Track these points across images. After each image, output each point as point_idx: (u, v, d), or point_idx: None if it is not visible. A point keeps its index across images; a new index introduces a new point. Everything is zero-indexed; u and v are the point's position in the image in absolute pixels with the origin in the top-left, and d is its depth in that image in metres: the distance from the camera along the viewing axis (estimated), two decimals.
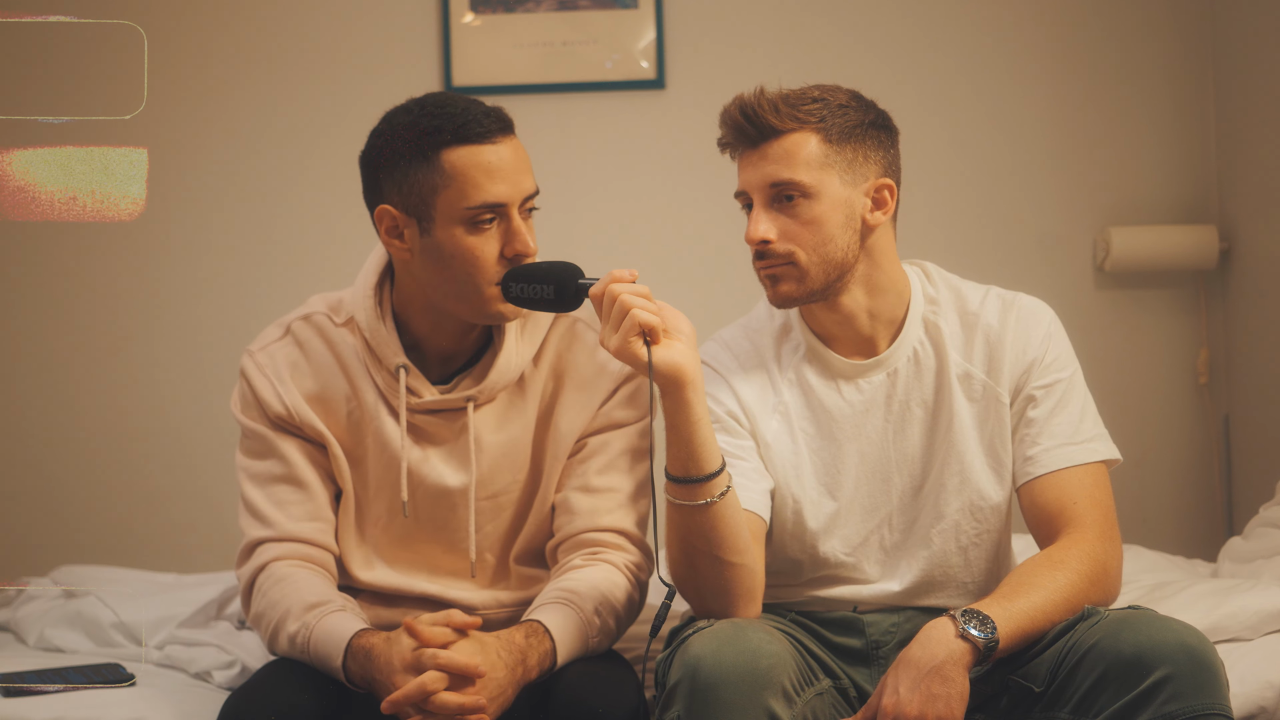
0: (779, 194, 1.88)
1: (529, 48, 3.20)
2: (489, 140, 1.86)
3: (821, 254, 1.89)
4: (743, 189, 1.92)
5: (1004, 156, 3.25)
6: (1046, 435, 1.91)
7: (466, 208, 1.86)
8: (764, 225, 1.88)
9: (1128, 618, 1.70)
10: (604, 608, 1.88)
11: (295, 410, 1.95)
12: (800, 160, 1.87)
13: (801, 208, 1.88)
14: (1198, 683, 1.61)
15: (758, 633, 1.68)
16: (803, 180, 1.87)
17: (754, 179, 1.89)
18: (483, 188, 1.85)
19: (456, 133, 1.85)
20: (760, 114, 1.88)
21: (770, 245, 1.88)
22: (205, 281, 3.21)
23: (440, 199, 1.86)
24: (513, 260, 1.88)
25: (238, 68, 3.21)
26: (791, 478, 1.95)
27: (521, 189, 1.88)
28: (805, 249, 1.88)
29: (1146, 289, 3.26)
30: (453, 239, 1.87)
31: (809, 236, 1.88)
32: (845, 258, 1.90)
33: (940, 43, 3.24)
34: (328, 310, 2.00)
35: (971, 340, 1.95)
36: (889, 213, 1.93)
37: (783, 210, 1.89)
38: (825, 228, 1.88)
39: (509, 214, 1.88)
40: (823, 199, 1.88)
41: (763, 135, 1.88)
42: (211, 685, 2.13)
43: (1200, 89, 3.24)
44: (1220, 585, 2.25)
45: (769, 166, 1.88)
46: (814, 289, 1.90)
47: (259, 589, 1.91)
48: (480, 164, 1.85)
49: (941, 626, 1.72)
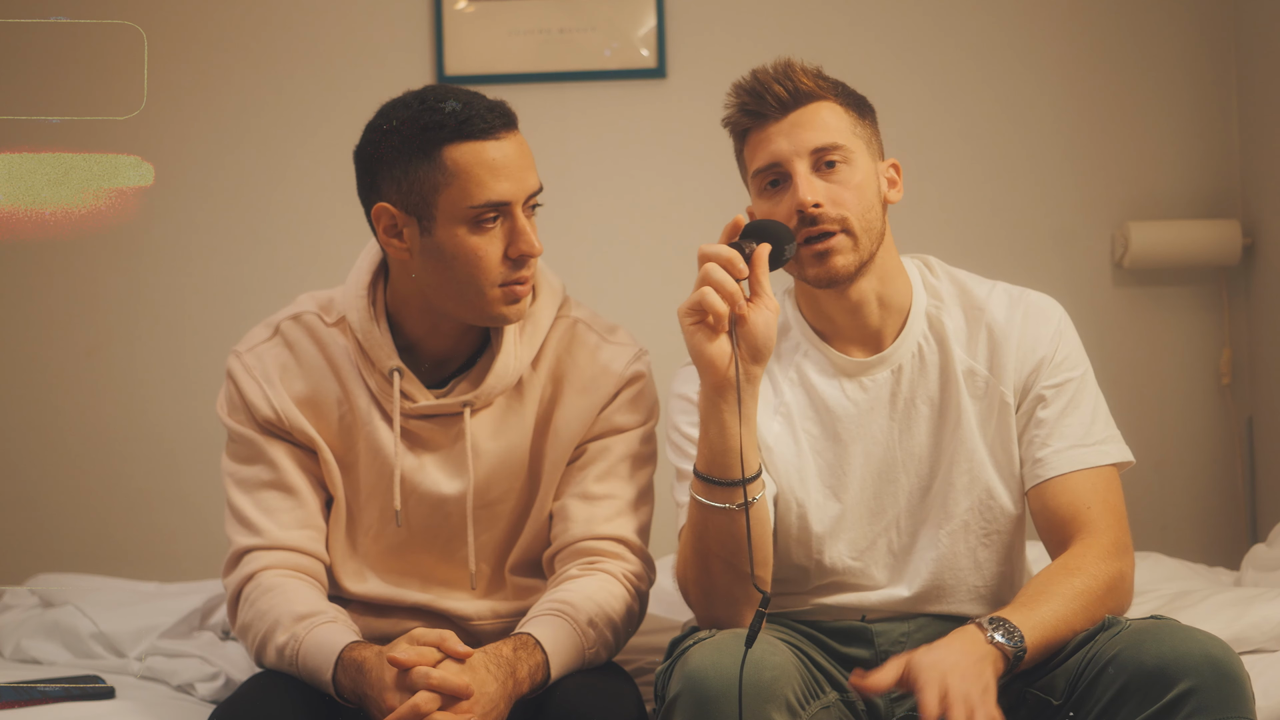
0: (820, 160, 1.88)
1: (525, 35, 3.20)
2: (492, 136, 1.84)
3: (867, 221, 1.88)
4: (773, 161, 1.89)
5: (1019, 150, 3.24)
6: (1057, 436, 1.89)
7: (470, 207, 1.84)
8: (814, 189, 1.86)
9: (1150, 628, 1.68)
10: (600, 619, 1.85)
11: (285, 414, 1.94)
12: (837, 126, 1.89)
13: (845, 173, 1.88)
14: (1223, 696, 1.58)
15: (761, 644, 1.66)
16: (845, 144, 1.88)
17: (791, 146, 1.88)
18: (486, 186, 1.83)
19: (459, 129, 1.83)
20: (795, 78, 1.88)
21: (822, 209, 1.85)
22: (187, 280, 3.23)
23: (442, 197, 1.84)
24: (516, 261, 1.85)
25: (222, 56, 3.22)
26: (795, 481, 1.93)
27: (525, 186, 1.86)
28: (855, 214, 1.87)
29: (1167, 286, 3.25)
30: (455, 239, 1.85)
31: (856, 202, 1.87)
32: (882, 230, 1.91)
33: (952, 32, 3.24)
34: (318, 310, 1.99)
35: (976, 336, 1.94)
36: (901, 192, 1.95)
37: (826, 177, 1.88)
38: (867, 193, 1.89)
39: (513, 213, 1.86)
40: (860, 166, 1.89)
41: (796, 101, 1.88)
42: (195, 698, 2.12)
43: (1222, 78, 3.23)
44: (1243, 594, 2.23)
45: (806, 133, 1.87)
46: (864, 260, 1.89)
47: (246, 599, 1.89)
48: (484, 161, 1.83)
49: (970, 633, 1.70)
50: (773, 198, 1.89)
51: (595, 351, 1.98)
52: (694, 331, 1.76)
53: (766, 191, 1.90)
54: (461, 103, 1.85)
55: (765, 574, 1.83)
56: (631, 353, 1.99)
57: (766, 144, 1.89)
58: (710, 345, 1.75)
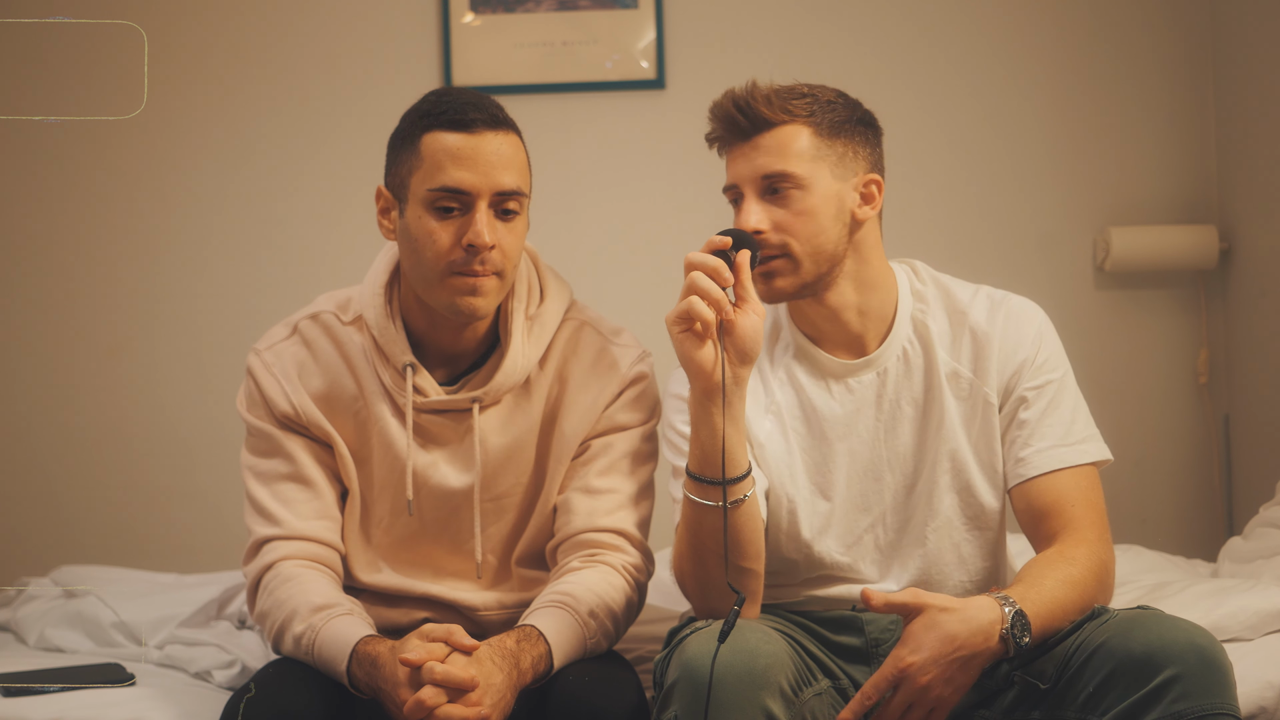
0: (770, 185, 1.88)
1: (529, 48, 3.20)
2: (468, 130, 1.86)
3: (814, 245, 1.88)
4: (733, 182, 1.92)
5: (1003, 156, 3.24)
6: (1039, 436, 1.91)
7: (429, 189, 1.86)
8: (756, 215, 1.88)
9: (1137, 617, 1.70)
10: (601, 610, 1.87)
11: (302, 410, 1.95)
12: (793, 152, 1.88)
13: (794, 199, 1.88)
14: (1207, 683, 1.60)
15: (755, 633, 1.68)
16: (795, 171, 1.87)
17: (745, 171, 1.89)
18: (446, 171, 1.85)
19: (439, 117, 1.86)
20: (754, 105, 1.88)
21: (763, 235, 1.87)
22: (206, 281, 3.21)
23: (414, 179, 1.88)
24: (467, 251, 1.86)
25: (238, 67, 3.21)
26: (785, 477, 1.95)
27: (491, 182, 1.86)
28: (798, 240, 1.88)
29: (1146, 289, 3.25)
30: (418, 220, 1.87)
31: (801, 227, 1.88)
32: (836, 250, 1.90)
33: (939, 43, 3.24)
34: (335, 309, 2.00)
35: (959, 339, 1.95)
36: (877, 208, 1.94)
37: (774, 202, 1.88)
38: (817, 219, 1.88)
39: (474, 205, 1.86)
40: (814, 191, 1.88)
41: (755, 127, 1.89)
42: (212, 685, 2.13)
43: (1200, 88, 3.23)
44: (1220, 585, 2.25)
45: (761, 158, 1.88)
46: (807, 281, 1.90)
47: (265, 587, 1.90)
48: (449, 148, 1.85)
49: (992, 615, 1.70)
50: (736, 214, 1.91)
51: (600, 352, 1.99)
52: (683, 340, 1.77)
53: (734, 207, 1.93)
54: (457, 99, 1.88)
55: (759, 567, 1.83)
56: (635, 354, 2.00)
57: (732, 164, 1.92)
58: (699, 352, 1.77)
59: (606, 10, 3.19)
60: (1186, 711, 1.60)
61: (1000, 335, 1.94)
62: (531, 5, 3.19)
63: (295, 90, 3.21)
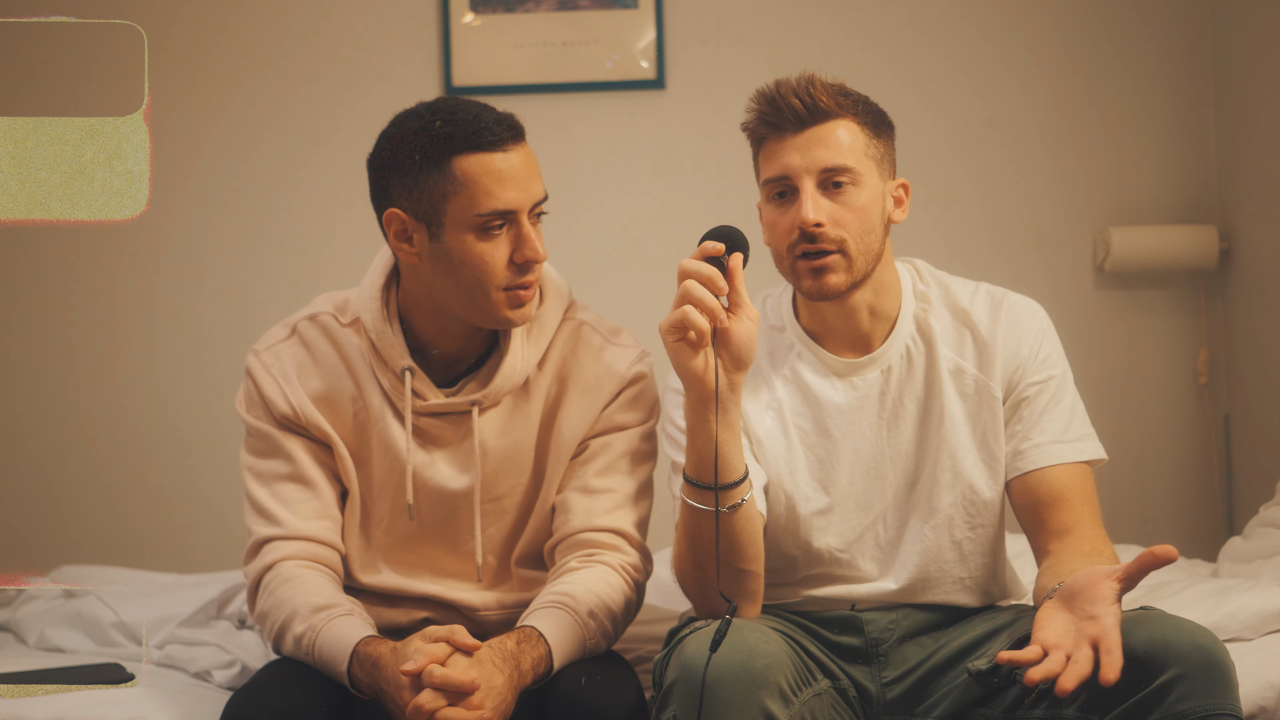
0: (829, 179, 1.87)
1: (529, 48, 3.20)
2: (500, 148, 1.85)
3: (866, 243, 1.88)
4: (783, 174, 1.89)
5: (1003, 157, 3.25)
6: (1038, 432, 1.91)
7: (477, 215, 1.85)
8: (818, 208, 1.86)
9: (1141, 617, 1.69)
10: (599, 610, 1.87)
11: (301, 410, 1.95)
12: (850, 147, 1.87)
13: (850, 195, 1.87)
14: (1209, 683, 1.60)
15: (754, 633, 1.68)
16: (855, 166, 1.87)
17: (799, 162, 1.87)
18: (494, 195, 1.85)
19: (468, 140, 1.84)
20: (815, 95, 1.86)
21: (823, 229, 1.86)
22: (206, 282, 3.22)
23: (451, 205, 1.86)
24: (521, 266, 1.88)
25: (237, 67, 3.21)
26: (784, 474, 1.95)
27: (531, 195, 1.88)
28: (853, 236, 1.87)
29: (1146, 289, 3.25)
30: (463, 245, 1.87)
31: (857, 224, 1.87)
32: (879, 250, 1.91)
33: (940, 42, 3.24)
34: (334, 310, 2.00)
35: (962, 336, 1.96)
36: (906, 212, 1.95)
37: (830, 196, 1.87)
38: (869, 217, 1.88)
39: (519, 220, 1.87)
40: (867, 188, 1.88)
41: (813, 118, 1.87)
42: (212, 685, 2.13)
43: (1200, 87, 3.24)
44: (1220, 585, 2.25)
45: (819, 150, 1.87)
46: (856, 280, 1.89)
47: (265, 587, 1.90)
48: (491, 171, 1.85)
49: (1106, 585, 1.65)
50: (779, 207, 1.89)
51: (599, 353, 1.99)
52: (677, 349, 1.75)
53: (774, 200, 1.91)
54: (472, 115, 1.86)
55: (758, 568, 1.84)
56: (634, 354, 2.00)
57: (780, 155, 1.88)
58: (694, 360, 1.75)
59: (606, 10, 3.19)
60: (1189, 712, 1.59)
61: (1003, 332, 1.94)
62: (531, 5, 3.19)
63: (295, 90, 3.21)
